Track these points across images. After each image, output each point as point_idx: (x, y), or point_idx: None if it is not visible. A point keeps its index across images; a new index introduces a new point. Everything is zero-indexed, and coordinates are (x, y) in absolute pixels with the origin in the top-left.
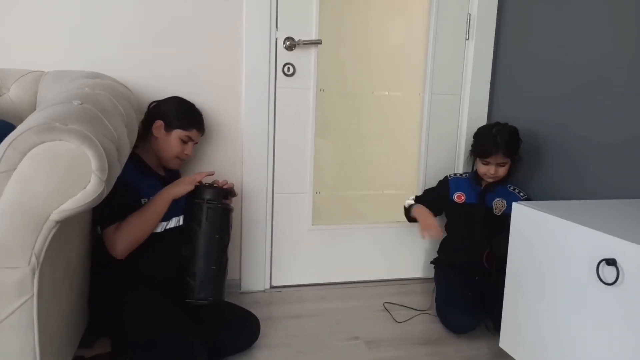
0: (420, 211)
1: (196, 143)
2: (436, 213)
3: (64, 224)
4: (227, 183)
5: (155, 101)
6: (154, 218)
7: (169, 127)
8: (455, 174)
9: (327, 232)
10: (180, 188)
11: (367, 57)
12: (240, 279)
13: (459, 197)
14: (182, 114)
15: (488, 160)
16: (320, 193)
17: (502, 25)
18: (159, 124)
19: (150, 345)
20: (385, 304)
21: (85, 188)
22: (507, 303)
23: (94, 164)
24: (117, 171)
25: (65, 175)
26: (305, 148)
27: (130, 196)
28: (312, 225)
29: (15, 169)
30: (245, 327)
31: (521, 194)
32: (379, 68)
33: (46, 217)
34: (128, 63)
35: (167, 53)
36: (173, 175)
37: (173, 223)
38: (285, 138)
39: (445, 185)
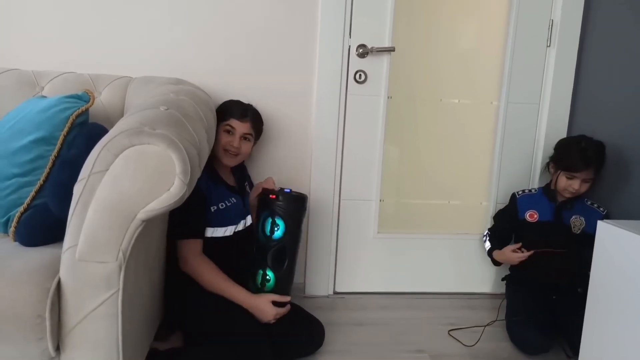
0: (499, 255)
1: (247, 136)
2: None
3: (148, 223)
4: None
5: None
6: (219, 291)
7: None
8: (523, 191)
9: (392, 241)
10: (259, 314)
11: (437, 63)
12: (304, 283)
13: (531, 215)
14: (223, 108)
15: (575, 175)
16: (384, 200)
17: (587, 32)
18: None
19: (222, 344)
20: (450, 331)
21: (169, 190)
22: (588, 326)
23: (178, 167)
24: (198, 174)
25: (152, 177)
26: (374, 155)
27: (202, 205)
28: (378, 232)
29: (107, 169)
30: (310, 331)
31: (601, 209)
32: (449, 75)
33: (134, 216)
34: (206, 69)
35: (243, 59)
36: (239, 183)
37: (241, 226)
38: (353, 145)
39: (513, 206)
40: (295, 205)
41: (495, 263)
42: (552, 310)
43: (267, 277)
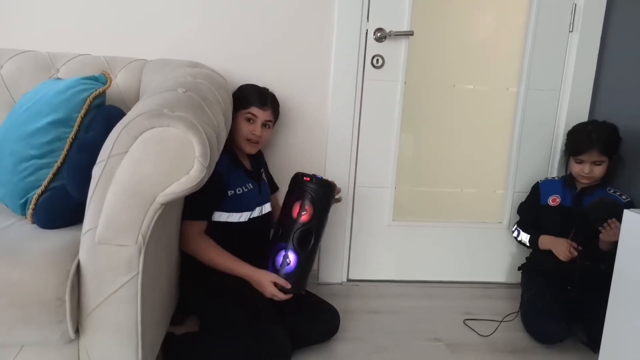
0: (546, 241)
1: (268, 123)
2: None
3: (167, 207)
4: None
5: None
6: (223, 268)
7: (235, 112)
8: (546, 178)
9: (407, 228)
10: (260, 288)
11: (453, 49)
12: (318, 270)
13: (554, 200)
14: (242, 94)
15: (581, 158)
16: (398, 188)
17: (611, 16)
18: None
19: (238, 329)
20: (466, 321)
21: (188, 173)
22: (611, 318)
23: (197, 150)
24: (216, 158)
25: (172, 160)
26: (390, 142)
27: (219, 188)
28: (393, 220)
29: (127, 151)
30: (326, 319)
31: (623, 197)
32: (465, 61)
33: (153, 199)
34: (222, 53)
35: (258, 43)
36: (256, 169)
37: (256, 212)
38: (370, 131)
39: (536, 192)
40: (325, 191)
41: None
42: (568, 299)
43: (288, 259)
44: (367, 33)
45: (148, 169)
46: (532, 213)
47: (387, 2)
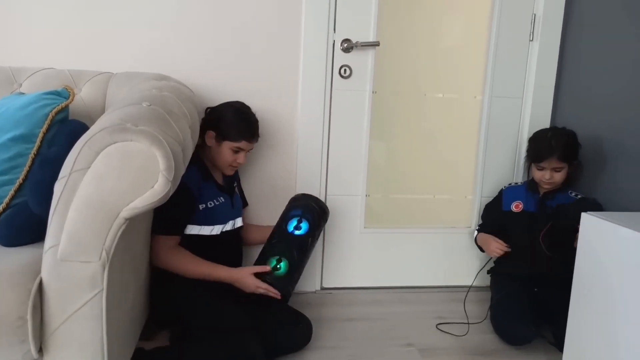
0: (482, 238)
1: (250, 150)
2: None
3: (131, 222)
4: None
5: (210, 107)
6: (201, 276)
7: (219, 138)
8: (510, 184)
9: (379, 235)
10: (242, 285)
11: (421, 58)
12: None
13: (516, 206)
14: (232, 126)
15: (542, 165)
16: (370, 196)
17: (569, 25)
18: (210, 134)
19: (210, 339)
20: (438, 325)
21: (153, 187)
22: (572, 318)
23: (161, 164)
24: (182, 171)
25: (135, 174)
26: (360, 150)
27: (189, 202)
28: (365, 227)
29: (89, 167)
30: (298, 328)
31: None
32: (433, 70)
33: (117, 214)
34: (190, 64)
35: (226, 55)
36: (229, 183)
37: (229, 226)
38: (339, 140)
39: (499, 198)
40: (322, 212)
41: (482, 250)
42: (535, 301)
43: (279, 266)
44: (334, 44)
45: (111, 184)
46: (490, 217)
47: (353, 14)
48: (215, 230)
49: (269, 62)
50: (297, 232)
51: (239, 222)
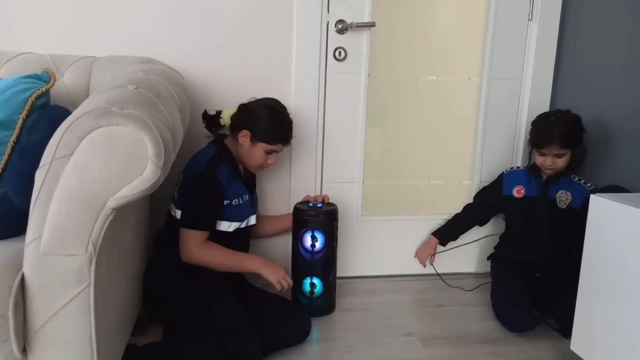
0: (422, 246)
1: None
2: (485, 217)
3: (121, 211)
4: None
5: (244, 104)
6: (231, 267)
7: (254, 139)
8: (511, 168)
9: (376, 223)
10: (268, 274)
11: (415, 40)
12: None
13: (518, 191)
14: (269, 128)
15: (543, 151)
16: (365, 182)
17: (569, 4)
18: (244, 133)
19: (207, 340)
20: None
21: (142, 174)
22: (581, 303)
23: (150, 149)
24: (172, 158)
25: (122, 161)
26: (356, 136)
27: (221, 199)
28: (362, 215)
29: (72, 153)
30: (297, 323)
31: (588, 185)
32: (427, 51)
33: (103, 204)
34: (178, 48)
35: (217, 38)
36: (251, 180)
37: (244, 224)
38: (335, 125)
39: (499, 182)
40: (331, 218)
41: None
42: (537, 287)
43: (314, 283)
44: (328, 25)
45: (96, 171)
46: (486, 200)
47: None
48: (232, 227)
49: (261, 44)
50: (317, 248)
51: (252, 219)
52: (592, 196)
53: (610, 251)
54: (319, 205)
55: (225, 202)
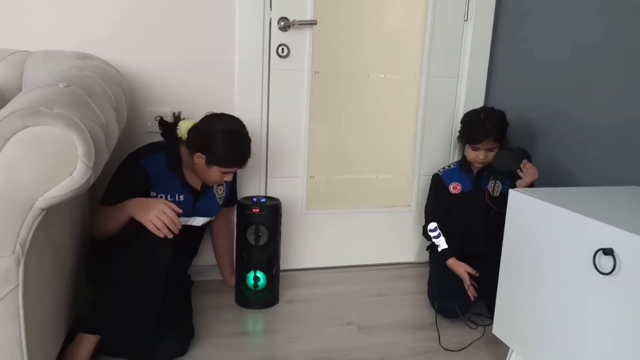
0: (456, 265)
1: None
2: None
3: (51, 211)
4: None
5: (198, 126)
6: (118, 221)
7: (209, 164)
8: (443, 168)
9: (321, 217)
10: (140, 217)
11: (363, 38)
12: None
13: (454, 187)
14: (224, 154)
15: (478, 146)
16: (313, 177)
17: (501, 6)
18: (199, 156)
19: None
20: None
21: (71, 174)
22: (502, 290)
23: (80, 149)
24: (105, 157)
25: (51, 162)
26: (300, 131)
27: (137, 181)
28: (306, 209)
29: None
30: (173, 338)
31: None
32: (375, 50)
33: (31, 205)
34: (118, 44)
35: (159, 34)
36: (204, 189)
37: (198, 222)
38: (279, 121)
39: (441, 183)
40: (274, 213)
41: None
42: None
43: (258, 276)
44: (270, 22)
45: (23, 173)
46: (440, 201)
47: None
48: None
49: (203, 39)
50: (260, 242)
51: (197, 221)
52: (510, 191)
53: (527, 243)
54: (263, 200)
55: (152, 194)
